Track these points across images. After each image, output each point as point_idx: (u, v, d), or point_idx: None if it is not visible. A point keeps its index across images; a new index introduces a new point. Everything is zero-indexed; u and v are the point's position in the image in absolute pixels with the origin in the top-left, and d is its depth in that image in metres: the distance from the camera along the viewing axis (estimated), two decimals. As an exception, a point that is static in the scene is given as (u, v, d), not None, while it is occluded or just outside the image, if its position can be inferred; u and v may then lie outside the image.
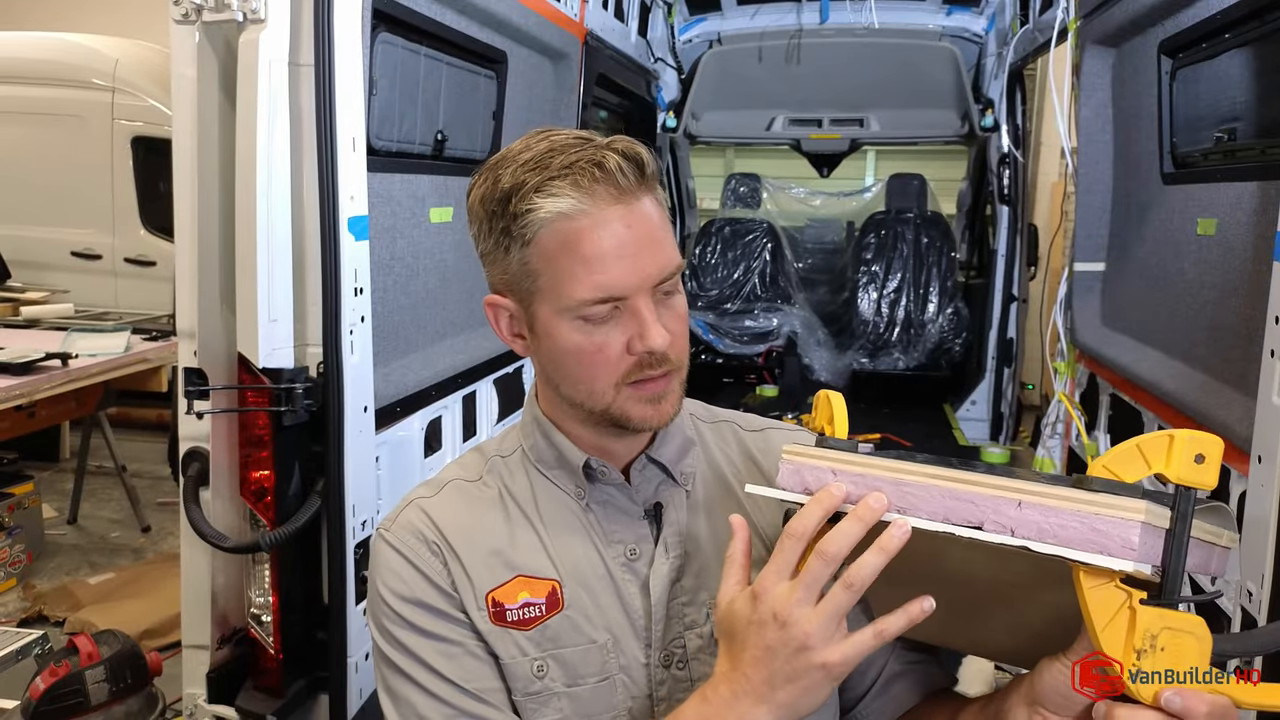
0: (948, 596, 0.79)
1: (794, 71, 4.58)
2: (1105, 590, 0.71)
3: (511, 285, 0.99)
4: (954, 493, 0.77)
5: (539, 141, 0.96)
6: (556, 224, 0.92)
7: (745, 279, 5.39)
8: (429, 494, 1.06)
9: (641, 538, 1.03)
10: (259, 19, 1.77)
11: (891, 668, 1.07)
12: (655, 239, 0.95)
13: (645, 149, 0.96)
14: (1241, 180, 2.15)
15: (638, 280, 0.93)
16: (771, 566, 0.81)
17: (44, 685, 2.35)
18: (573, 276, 0.93)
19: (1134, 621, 0.71)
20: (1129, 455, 0.72)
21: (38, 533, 4.33)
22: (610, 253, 0.92)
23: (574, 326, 0.95)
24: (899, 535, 0.77)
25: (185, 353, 1.93)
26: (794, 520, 0.82)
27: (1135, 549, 0.69)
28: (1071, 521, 0.71)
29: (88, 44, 5.93)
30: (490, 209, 0.96)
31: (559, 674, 0.98)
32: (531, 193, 0.92)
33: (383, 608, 1.00)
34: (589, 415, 1.00)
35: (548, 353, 0.99)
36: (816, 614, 0.78)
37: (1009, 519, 0.74)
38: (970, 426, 4.69)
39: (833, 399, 0.92)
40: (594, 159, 0.92)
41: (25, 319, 4.78)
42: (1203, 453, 0.70)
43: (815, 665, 0.78)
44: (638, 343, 0.94)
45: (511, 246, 0.96)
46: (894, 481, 0.80)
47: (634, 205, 0.94)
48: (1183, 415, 2.26)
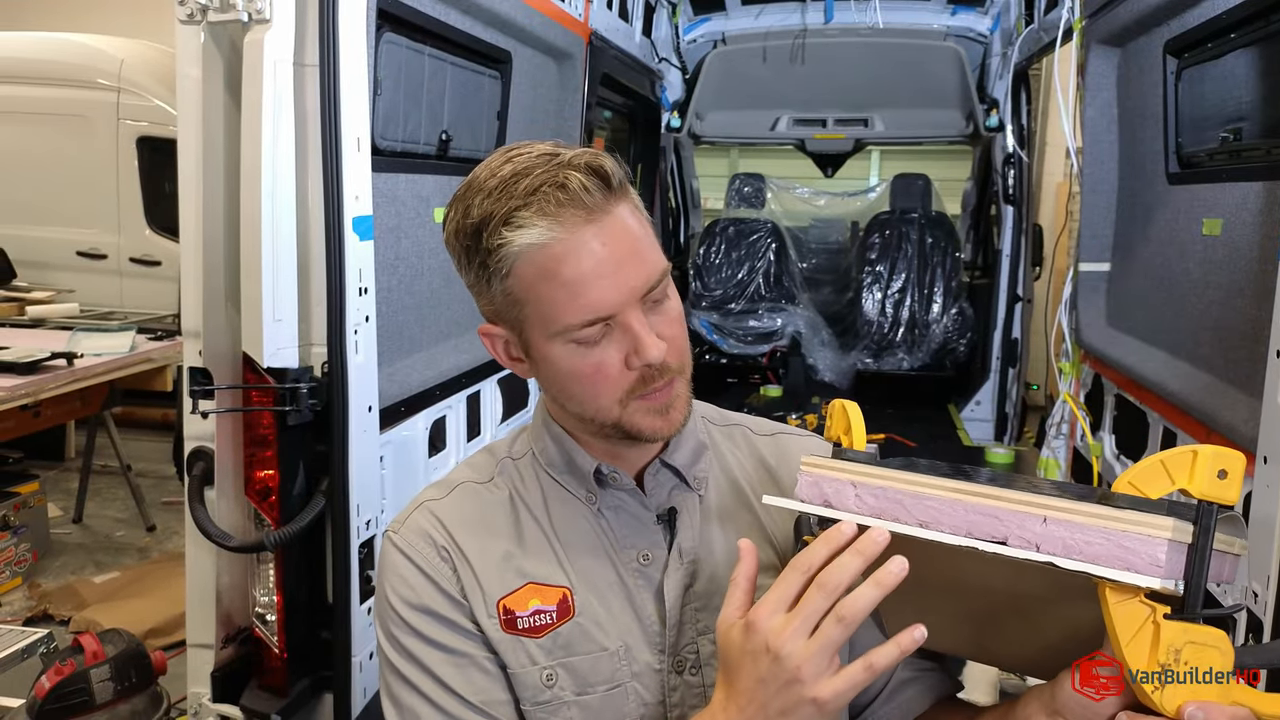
0: (963, 606, 0.79)
1: (798, 71, 4.57)
2: (1130, 605, 0.71)
3: (500, 315, 0.97)
4: (977, 507, 0.77)
5: (502, 165, 0.93)
6: (530, 254, 0.90)
7: (749, 279, 5.39)
8: (439, 495, 1.05)
9: (654, 543, 1.02)
10: (264, 19, 1.77)
11: (900, 674, 1.06)
12: (634, 250, 0.92)
13: (610, 159, 0.92)
14: (1247, 180, 2.14)
15: (623, 296, 0.91)
16: (770, 597, 0.80)
17: (49, 684, 2.36)
18: (556, 304, 0.91)
19: (1158, 636, 0.71)
20: (1153, 471, 0.72)
21: (43, 532, 4.34)
22: (590, 273, 0.90)
23: (569, 350, 0.93)
24: (896, 571, 0.76)
25: (190, 352, 1.94)
26: (801, 555, 0.81)
27: (1162, 566, 0.69)
28: (1098, 538, 0.71)
29: (93, 44, 5.94)
30: (465, 244, 0.95)
31: (569, 682, 0.97)
32: (500, 225, 0.90)
33: (390, 614, 0.99)
34: (599, 429, 0.99)
35: (548, 377, 0.98)
36: (808, 648, 0.77)
37: (1034, 534, 0.74)
38: (975, 427, 4.68)
39: (849, 409, 0.90)
40: (556, 180, 0.89)
41: (31, 318, 4.79)
42: (1225, 468, 0.70)
43: (806, 700, 0.77)
44: (634, 358, 0.93)
45: (492, 280, 0.94)
46: (915, 495, 0.79)
47: (605, 221, 0.91)
48: (1188, 416, 2.26)
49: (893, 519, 0.80)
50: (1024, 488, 0.77)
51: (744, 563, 0.86)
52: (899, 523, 0.80)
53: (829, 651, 0.77)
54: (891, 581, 0.76)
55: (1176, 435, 2.37)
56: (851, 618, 0.76)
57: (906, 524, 0.80)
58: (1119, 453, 2.88)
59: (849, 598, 0.77)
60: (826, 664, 0.77)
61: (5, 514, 4.04)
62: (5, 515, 4.04)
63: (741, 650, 0.81)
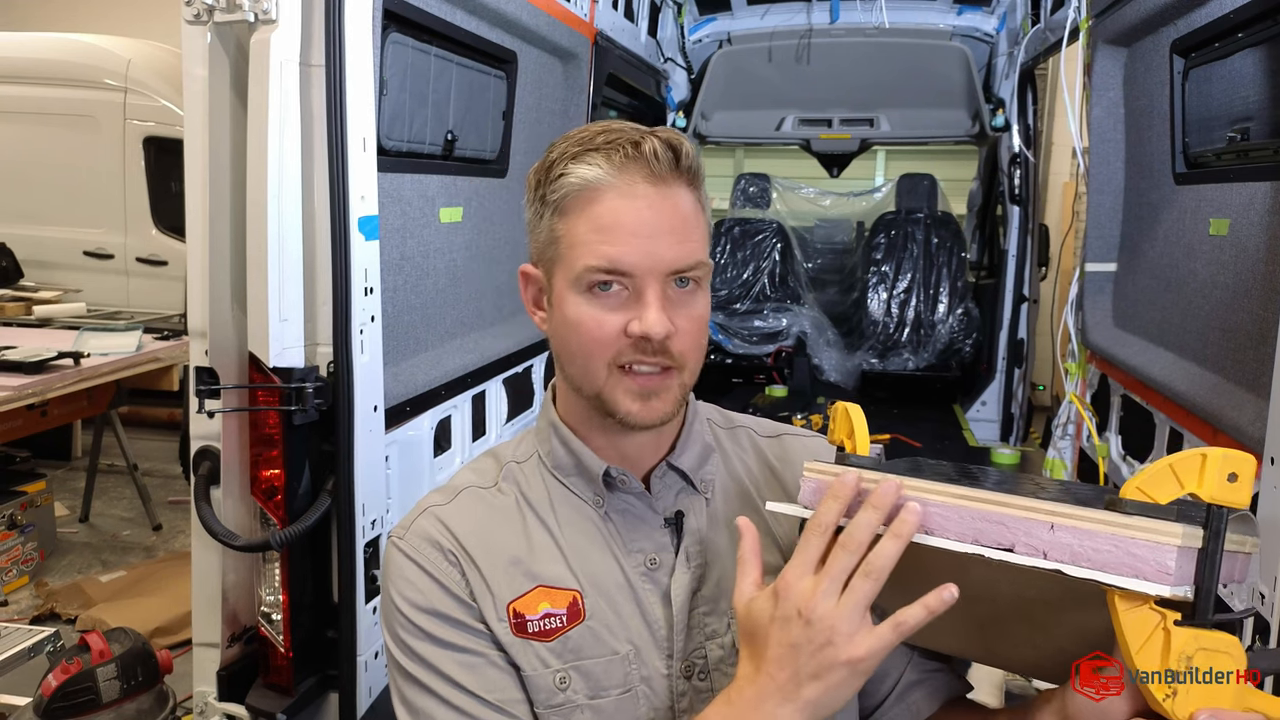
0: (970, 610, 0.78)
1: (804, 71, 4.57)
2: (1139, 613, 0.70)
3: (541, 254, 1.01)
4: (983, 514, 0.76)
5: (596, 126, 0.99)
6: (583, 191, 0.95)
7: (755, 279, 5.39)
8: (443, 501, 1.04)
9: (661, 547, 1.02)
10: (270, 19, 1.78)
11: (909, 676, 1.06)
12: (678, 228, 0.95)
13: (690, 144, 0.97)
14: (1254, 180, 2.14)
15: (648, 262, 0.93)
16: (795, 562, 0.80)
17: (56, 682, 2.36)
18: (584, 243, 0.94)
19: (1169, 643, 0.70)
20: (1162, 476, 0.71)
21: (50, 531, 4.36)
22: (626, 226, 0.93)
23: (581, 299, 0.95)
24: (912, 521, 0.77)
25: (196, 352, 1.94)
26: (815, 516, 0.81)
27: (1172, 573, 0.68)
28: (1106, 545, 0.70)
29: (100, 44, 5.96)
30: (537, 177, 1.00)
31: (581, 685, 0.96)
32: (569, 160, 0.96)
33: (398, 618, 0.97)
34: (587, 403, 0.99)
35: (556, 325, 1.00)
36: (841, 608, 0.77)
37: (1041, 541, 0.73)
38: (980, 427, 4.67)
39: (852, 412, 0.90)
40: (633, 139, 0.95)
41: (38, 318, 4.81)
42: (1235, 471, 0.69)
43: (841, 661, 0.77)
44: (635, 324, 0.93)
45: (544, 213, 0.98)
46: (920, 501, 0.79)
47: (663, 191, 0.95)
48: (1194, 417, 2.25)
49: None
50: (1030, 492, 0.77)
51: (746, 539, 0.87)
52: None
53: (861, 609, 0.77)
54: (908, 531, 0.77)
55: (1183, 436, 2.37)
56: (879, 572, 0.77)
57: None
58: (1125, 453, 2.88)
59: (873, 553, 0.77)
60: (860, 622, 0.77)
61: (12, 513, 4.06)
62: (12, 514, 4.06)
63: (770, 619, 0.80)
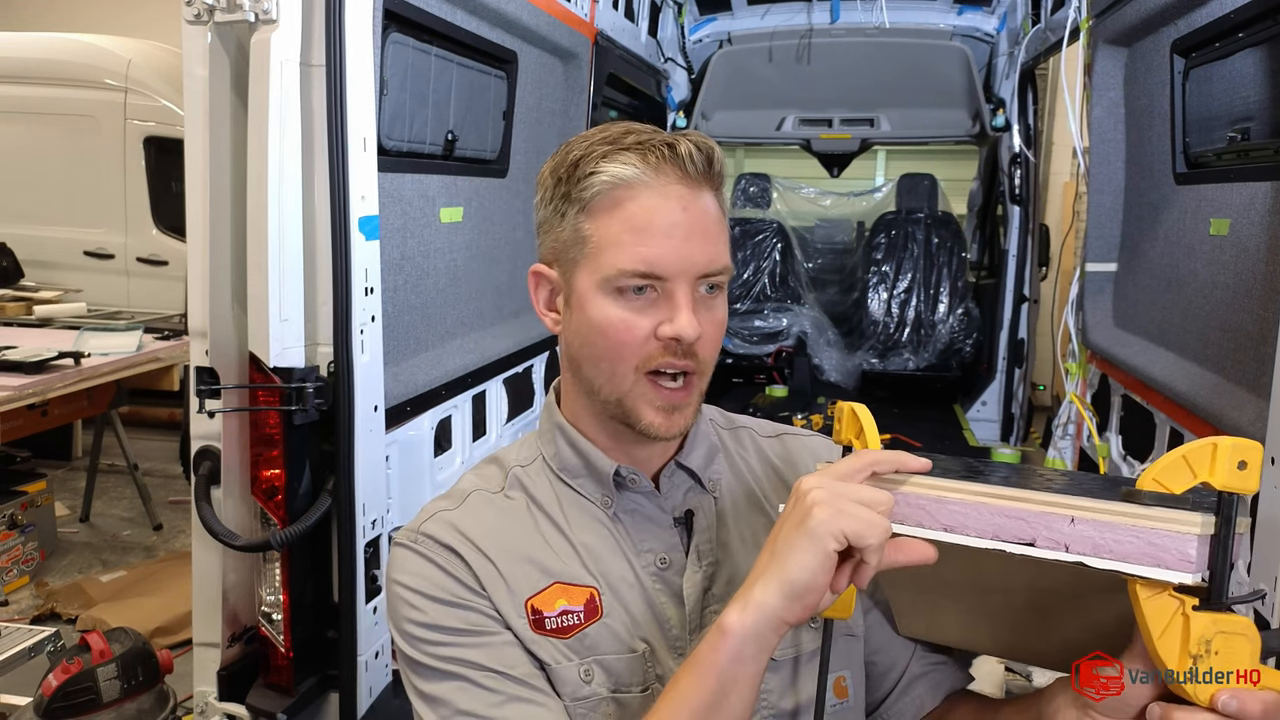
0: (980, 602, 0.78)
1: (804, 71, 4.57)
2: (1160, 600, 0.72)
3: (559, 254, 0.99)
4: (1003, 510, 0.77)
5: (616, 127, 0.98)
6: (616, 190, 0.94)
7: (755, 279, 5.38)
8: (452, 505, 1.02)
9: (672, 546, 1.01)
10: (271, 19, 1.78)
11: (913, 670, 1.06)
12: (709, 231, 0.95)
13: (719, 149, 0.97)
14: (1255, 180, 2.14)
15: (681, 265, 0.93)
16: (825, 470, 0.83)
17: (56, 682, 2.36)
18: (618, 244, 0.93)
19: (1188, 628, 0.72)
20: (1176, 466, 0.72)
21: (50, 531, 4.36)
22: (660, 228, 0.92)
23: (609, 300, 0.94)
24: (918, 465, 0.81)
25: (197, 352, 1.94)
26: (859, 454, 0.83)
27: (1193, 560, 0.71)
28: (1128, 536, 0.72)
29: (100, 44, 5.96)
30: (558, 176, 0.98)
31: (604, 679, 0.95)
32: (600, 159, 0.94)
33: (406, 609, 0.96)
34: (604, 406, 0.98)
35: (577, 326, 0.98)
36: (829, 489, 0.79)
37: (1063, 535, 0.75)
38: (981, 427, 4.67)
39: (859, 412, 0.90)
40: (667, 140, 0.95)
41: (38, 318, 4.81)
42: (1245, 459, 0.71)
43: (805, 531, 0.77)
44: (667, 326, 0.93)
45: (568, 212, 0.96)
46: (938, 500, 0.80)
47: (696, 193, 0.95)
48: (1195, 417, 2.25)
49: (916, 524, 0.80)
50: (1042, 485, 0.78)
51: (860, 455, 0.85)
52: (922, 528, 0.80)
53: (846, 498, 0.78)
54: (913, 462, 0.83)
55: (1183, 436, 2.37)
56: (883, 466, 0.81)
57: (931, 529, 0.79)
58: (1125, 453, 2.88)
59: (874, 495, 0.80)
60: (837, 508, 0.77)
61: (13, 513, 4.06)
62: (13, 514, 4.06)
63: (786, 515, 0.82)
